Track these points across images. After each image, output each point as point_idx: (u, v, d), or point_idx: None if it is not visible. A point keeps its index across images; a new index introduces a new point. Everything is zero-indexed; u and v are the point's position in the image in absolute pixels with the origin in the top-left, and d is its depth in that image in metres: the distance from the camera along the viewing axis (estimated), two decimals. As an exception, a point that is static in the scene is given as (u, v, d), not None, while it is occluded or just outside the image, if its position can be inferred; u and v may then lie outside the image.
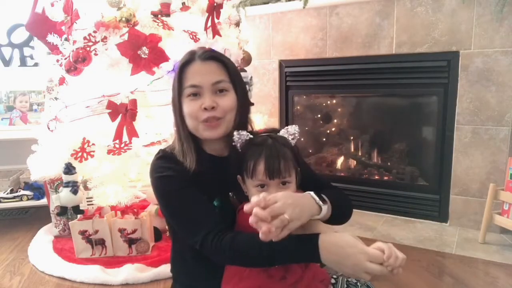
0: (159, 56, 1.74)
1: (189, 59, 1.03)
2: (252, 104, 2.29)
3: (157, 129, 1.84)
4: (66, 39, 1.93)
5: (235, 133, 0.99)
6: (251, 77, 2.22)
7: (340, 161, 2.72)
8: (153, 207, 1.97)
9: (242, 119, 1.05)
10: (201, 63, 1.02)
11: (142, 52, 1.71)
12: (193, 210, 0.98)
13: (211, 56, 1.03)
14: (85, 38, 1.73)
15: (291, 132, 0.99)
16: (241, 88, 1.07)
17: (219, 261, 0.95)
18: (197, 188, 1.02)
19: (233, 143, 1.00)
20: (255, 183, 0.95)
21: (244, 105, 1.07)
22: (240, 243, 0.90)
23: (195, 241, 0.95)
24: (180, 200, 1.00)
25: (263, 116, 2.54)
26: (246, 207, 0.79)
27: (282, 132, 1.00)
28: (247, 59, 2.23)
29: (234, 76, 1.05)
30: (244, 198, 1.03)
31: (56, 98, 2.05)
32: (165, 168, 1.03)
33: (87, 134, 1.78)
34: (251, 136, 1.00)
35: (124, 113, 1.72)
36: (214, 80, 1.01)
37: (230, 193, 1.06)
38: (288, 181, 0.95)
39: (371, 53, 2.31)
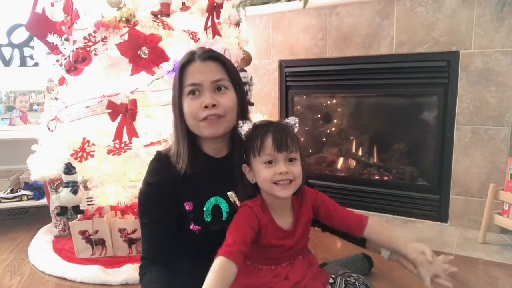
0: (159, 56, 1.74)
1: (189, 59, 1.05)
2: (252, 104, 2.29)
3: (157, 129, 1.85)
4: (66, 39, 1.93)
5: (240, 122, 1.02)
6: (251, 77, 2.22)
7: (340, 161, 2.72)
8: (153, 207, 1.96)
9: (242, 119, 1.06)
10: (201, 63, 1.04)
11: (142, 52, 1.71)
12: (147, 231, 1.05)
13: (211, 56, 1.05)
14: (85, 38, 1.73)
15: (292, 122, 1.04)
16: (240, 88, 1.09)
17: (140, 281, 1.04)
18: (189, 189, 1.04)
19: (238, 132, 1.03)
20: (263, 159, 0.97)
21: (243, 104, 1.09)
22: (145, 282, 0.99)
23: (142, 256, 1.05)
24: (145, 214, 1.06)
25: (263, 116, 2.54)
26: None
27: (285, 121, 1.05)
28: (247, 59, 2.23)
29: (233, 76, 1.07)
30: (243, 197, 1.03)
31: (56, 98, 2.06)
32: (153, 173, 1.07)
33: (87, 134, 1.78)
34: (254, 123, 1.04)
35: (124, 113, 1.72)
36: (213, 78, 1.02)
37: (228, 193, 1.07)
38: (294, 158, 0.99)
39: (371, 53, 2.30)
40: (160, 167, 1.07)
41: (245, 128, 1.02)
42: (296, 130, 1.04)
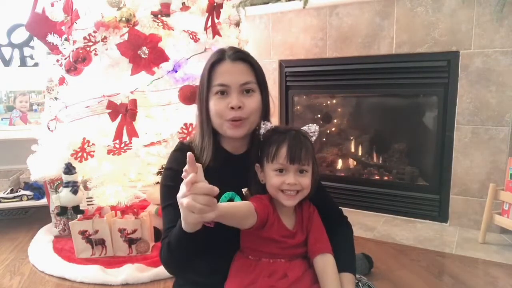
0: (159, 56, 1.74)
1: (219, 58, 1.07)
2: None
3: (157, 129, 1.85)
4: (66, 39, 1.93)
5: (261, 122, 1.05)
6: (251, 77, 2.22)
7: (340, 161, 2.72)
8: (153, 207, 1.97)
9: (265, 120, 1.09)
10: (231, 63, 1.06)
11: (142, 52, 1.71)
12: (170, 213, 1.03)
13: (241, 57, 1.08)
14: (85, 38, 1.73)
15: (312, 129, 1.05)
16: (266, 90, 1.12)
17: (161, 259, 1.02)
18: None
19: (257, 132, 1.05)
20: (275, 166, 0.99)
21: (267, 106, 1.12)
22: (170, 243, 0.97)
23: (163, 237, 1.03)
24: (168, 197, 1.05)
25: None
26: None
27: (304, 128, 1.06)
28: (247, 59, 2.23)
29: (261, 78, 1.11)
30: (257, 193, 1.05)
31: (56, 98, 2.06)
32: (175, 162, 1.08)
33: (87, 134, 1.78)
34: (274, 126, 1.06)
35: (124, 113, 1.72)
36: (242, 81, 1.05)
37: (243, 189, 1.08)
38: (305, 170, 1.00)
39: (371, 53, 2.31)
40: (182, 156, 1.07)
41: (264, 129, 1.04)
42: (314, 138, 1.05)
